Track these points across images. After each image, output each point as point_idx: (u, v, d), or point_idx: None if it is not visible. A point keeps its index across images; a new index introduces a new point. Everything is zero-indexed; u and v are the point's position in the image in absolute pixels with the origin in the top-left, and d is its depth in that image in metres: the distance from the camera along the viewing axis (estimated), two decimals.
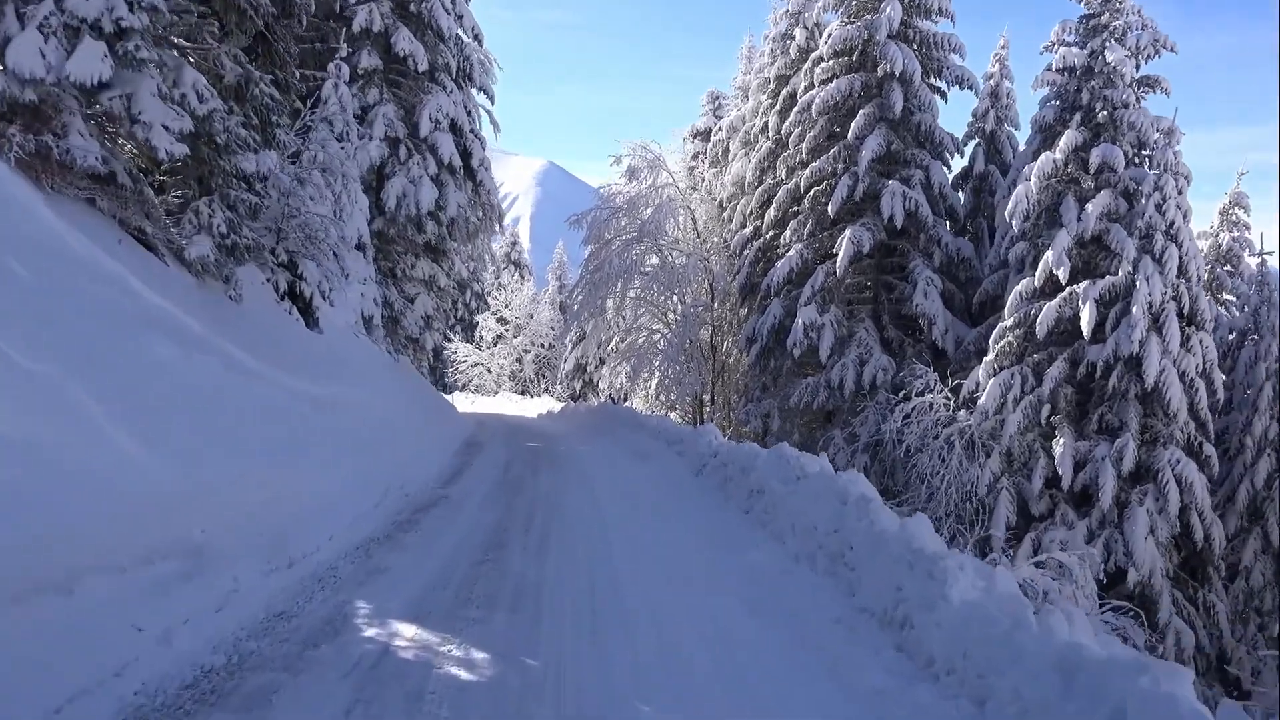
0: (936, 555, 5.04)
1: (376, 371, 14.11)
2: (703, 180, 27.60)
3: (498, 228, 26.09)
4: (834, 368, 19.15)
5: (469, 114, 20.20)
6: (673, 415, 25.87)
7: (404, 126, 18.65)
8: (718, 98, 32.73)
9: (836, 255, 18.96)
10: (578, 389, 45.14)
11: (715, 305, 24.57)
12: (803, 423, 21.12)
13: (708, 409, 25.18)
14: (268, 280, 10.92)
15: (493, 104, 21.59)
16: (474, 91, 21.30)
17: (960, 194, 21.13)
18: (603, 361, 38.21)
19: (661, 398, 25.48)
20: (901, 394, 16.65)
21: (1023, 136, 22.11)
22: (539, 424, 25.29)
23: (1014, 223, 16.26)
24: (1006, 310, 16.24)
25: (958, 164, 21.17)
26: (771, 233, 21.57)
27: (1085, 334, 15.08)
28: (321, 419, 8.89)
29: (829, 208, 19.34)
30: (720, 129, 27.75)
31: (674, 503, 9.71)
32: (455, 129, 19.40)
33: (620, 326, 26.74)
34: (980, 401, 16.06)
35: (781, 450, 9.63)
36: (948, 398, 16.79)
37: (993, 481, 15.89)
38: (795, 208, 20.89)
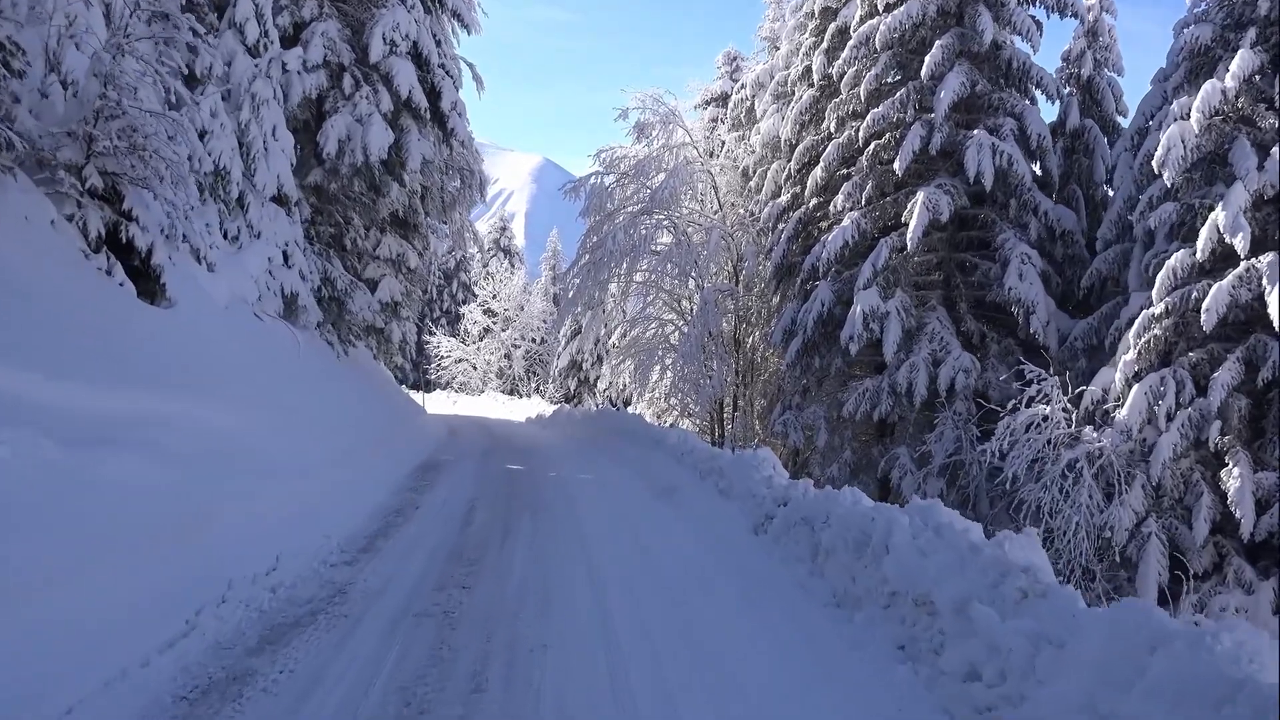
0: None
1: (285, 371, 9.83)
2: (722, 145, 23.34)
3: (479, 197, 21.87)
4: (900, 368, 14.97)
5: (439, 44, 15.90)
6: (685, 423, 21.65)
7: (350, 51, 14.36)
8: (735, 58, 28.71)
9: (906, 225, 14.76)
10: (572, 389, 41.11)
11: (740, 291, 20.32)
12: (854, 436, 16.93)
13: (729, 416, 20.94)
14: (70, 218, 6.65)
15: (469, 35, 17.27)
16: (447, 19, 17.02)
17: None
18: (601, 358, 34.25)
19: (674, 401, 21.19)
20: (1010, 405, 12.46)
21: (1127, 84, 18.08)
22: (525, 433, 21.04)
23: (1165, 174, 12.05)
24: (1155, 293, 12.04)
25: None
26: (815, 200, 17.34)
27: (1276, 325, 10.90)
28: (77, 468, 4.63)
29: (895, 165, 15.13)
30: (743, 86, 23.51)
31: (747, 613, 5.41)
32: (419, 59, 15.10)
33: (623, 316, 22.47)
34: (1120, 415, 11.88)
35: (935, 515, 5.42)
36: (1067, 409, 12.61)
37: (1135, 524, 11.74)
38: (847, 169, 16.67)
